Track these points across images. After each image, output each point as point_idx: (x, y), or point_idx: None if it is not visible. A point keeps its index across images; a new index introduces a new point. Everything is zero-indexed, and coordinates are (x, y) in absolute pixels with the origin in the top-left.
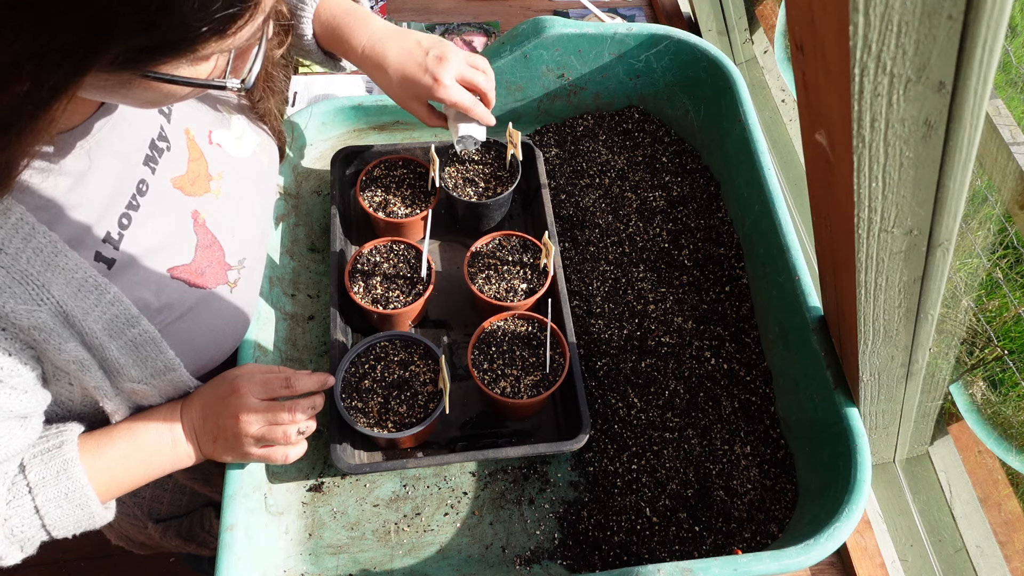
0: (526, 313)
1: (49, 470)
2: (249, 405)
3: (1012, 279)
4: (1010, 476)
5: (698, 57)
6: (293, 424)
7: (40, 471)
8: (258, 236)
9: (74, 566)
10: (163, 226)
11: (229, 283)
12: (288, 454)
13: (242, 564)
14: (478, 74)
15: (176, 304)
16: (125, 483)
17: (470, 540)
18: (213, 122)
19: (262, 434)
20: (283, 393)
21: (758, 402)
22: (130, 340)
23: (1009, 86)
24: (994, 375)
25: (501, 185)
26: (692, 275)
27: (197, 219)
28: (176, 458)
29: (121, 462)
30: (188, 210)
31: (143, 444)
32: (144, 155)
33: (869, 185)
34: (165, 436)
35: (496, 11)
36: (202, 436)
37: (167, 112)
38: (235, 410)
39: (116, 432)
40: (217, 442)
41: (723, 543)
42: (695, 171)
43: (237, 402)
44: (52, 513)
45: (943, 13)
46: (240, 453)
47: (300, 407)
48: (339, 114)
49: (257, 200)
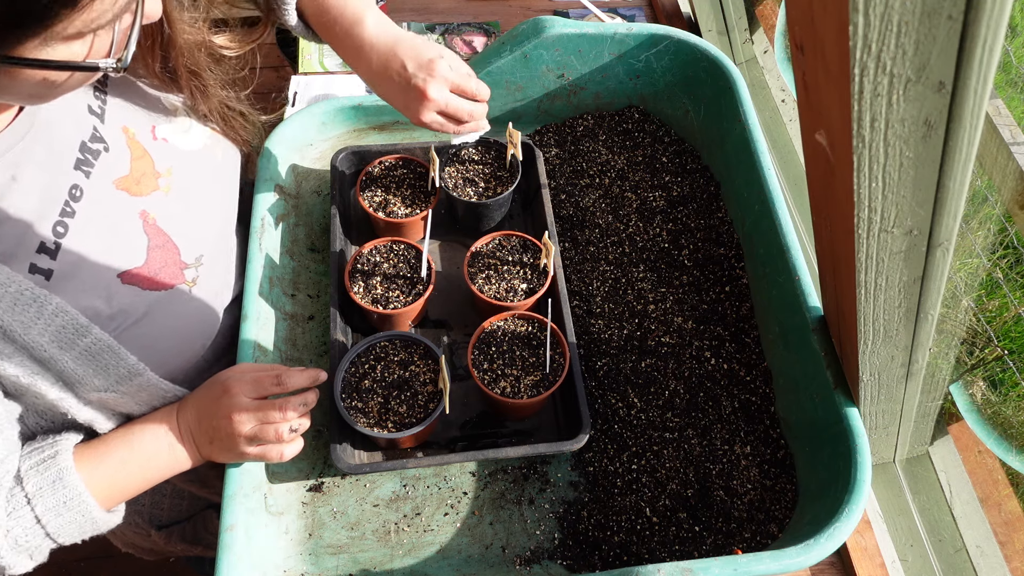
0: (526, 313)
1: (45, 480)
2: (240, 405)
3: (1012, 279)
4: (1010, 476)
5: (698, 57)
6: (285, 422)
7: (37, 481)
8: (217, 230)
9: (74, 566)
10: (107, 230)
11: (187, 282)
12: (283, 452)
13: (242, 564)
14: (461, 104)
15: (130, 309)
16: (127, 488)
17: (470, 540)
18: (157, 117)
19: (255, 433)
20: (275, 391)
21: (758, 402)
22: (84, 350)
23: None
24: (994, 375)
25: (501, 185)
26: (692, 275)
27: (147, 219)
28: (175, 461)
29: (119, 467)
30: (135, 211)
31: (141, 449)
32: (75, 159)
33: (869, 185)
34: (162, 440)
35: (496, 11)
36: (199, 438)
37: (99, 112)
38: (227, 410)
39: (113, 439)
40: (213, 443)
41: (723, 543)
42: (695, 171)
43: (229, 402)
44: (54, 522)
45: (943, 13)
46: (236, 453)
47: (291, 405)
48: (339, 114)
49: (214, 193)
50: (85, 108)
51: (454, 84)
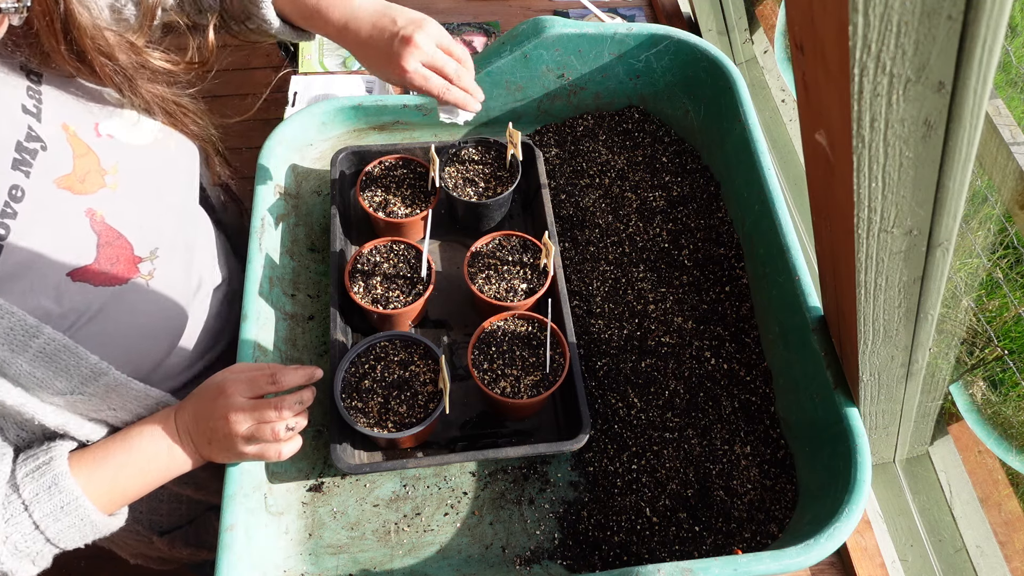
0: (526, 313)
1: (41, 486)
2: (236, 405)
3: (1012, 279)
4: (1010, 476)
5: (698, 57)
6: (281, 421)
7: (32, 488)
8: (174, 223)
9: (75, 566)
10: (53, 230)
11: (143, 275)
12: (281, 451)
13: (242, 564)
14: (448, 60)
15: (82, 307)
16: (127, 491)
17: (470, 540)
18: (100, 114)
19: (251, 433)
20: (270, 390)
21: (758, 402)
22: (38, 351)
23: (1009, 86)
24: (994, 375)
25: (501, 185)
26: (692, 275)
27: (94, 217)
28: (174, 463)
29: (117, 471)
30: (81, 209)
31: (139, 452)
32: (11, 159)
33: (869, 185)
34: (160, 443)
35: (496, 11)
36: (197, 439)
37: (35, 111)
38: (223, 411)
39: (110, 443)
40: (212, 444)
41: (723, 543)
42: (695, 171)
43: (225, 403)
44: (52, 527)
45: (942, 13)
46: (235, 453)
47: (287, 404)
48: (339, 114)
49: (167, 185)
50: (18, 107)
51: (440, 42)
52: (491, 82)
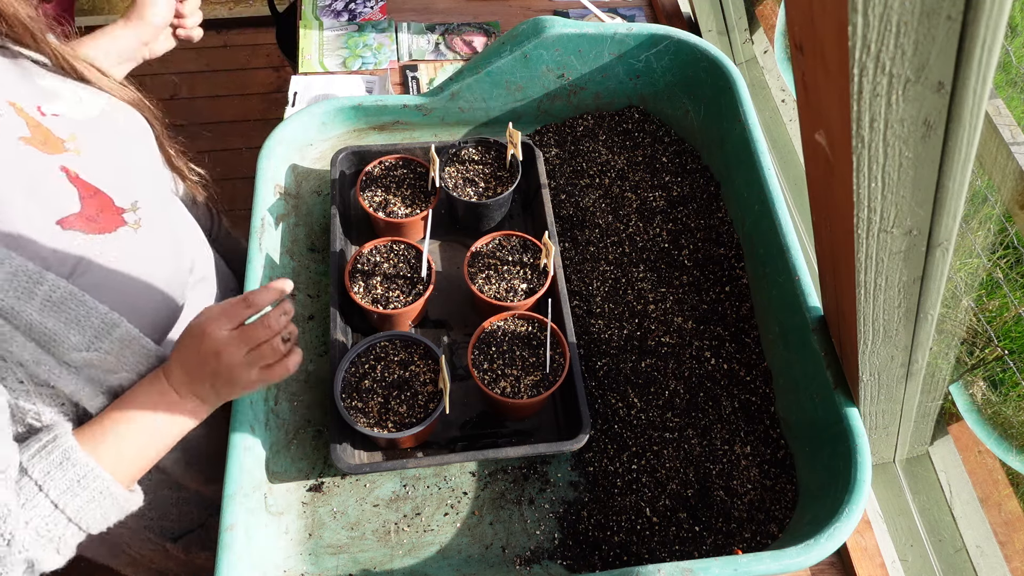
0: (526, 313)
1: (52, 463)
2: (223, 339)
3: (1012, 279)
4: (1010, 476)
5: (698, 57)
6: (275, 335)
7: (43, 467)
8: (150, 179)
9: (74, 565)
10: (31, 182)
11: (130, 224)
12: (288, 366)
13: (242, 564)
14: None
15: (78, 255)
16: (137, 459)
17: (470, 540)
18: (38, 96)
19: (251, 359)
20: (248, 314)
21: (758, 402)
22: (45, 299)
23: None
24: (994, 375)
25: (501, 185)
26: (692, 275)
27: (69, 173)
28: (177, 422)
29: (122, 441)
30: (55, 165)
31: (140, 419)
32: None
33: (868, 185)
34: (160, 405)
35: (496, 11)
36: (199, 390)
37: None
38: (213, 349)
39: (106, 417)
40: (215, 387)
41: (723, 543)
42: (695, 171)
43: (211, 342)
44: (72, 504)
45: (942, 13)
46: (242, 384)
47: (272, 318)
48: (339, 114)
49: (128, 147)
50: None
51: None
52: (491, 82)
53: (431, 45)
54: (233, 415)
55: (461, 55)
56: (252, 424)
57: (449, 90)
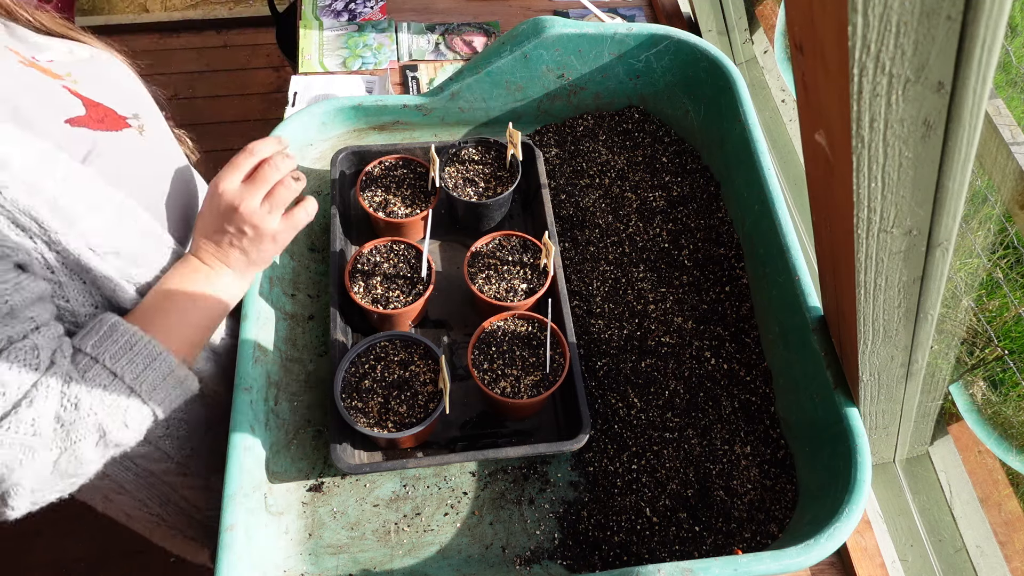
0: (526, 313)
1: (102, 335)
2: (236, 190)
3: (1012, 279)
4: (1010, 476)
5: (698, 57)
6: (283, 172)
7: (94, 341)
8: (147, 104)
9: (74, 567)
10: (37, 92)
11: (134, 128)
12: (308, 209)
13: (242, 564)
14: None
15: (88, 144)
16: (184, 336)
17: (470, 540)
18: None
19: (269, 206)
20: (253, 162)
21: (758, 402)
22: (62, 178)
23: (1009, 86)
24: (994, 375)
25: (501, 185)
26: (692, 275)
27: (71, 90)
28: (219, 294)
29: (168, 317)
30: (57, 84)
31: (178, 298)
32: None
33: (868, 185)
34: (195, 281)
35: (496, 11)
36: (229, 256)
37: None
38: (230, 204)
39: (146, 303)
40: (244, 248)
41: (723, 543)
42: (695, 171)
43: (226, 199)
44: (129, 369)
45: (942, 13)
46: (270, 235)
47: (275, 158)
48: (339, 114)
49: (123, 80)
50: None
51: None
52: (491, 82)
53: (431, 45)
54: (233, 415)
55: (461, 55)
56: (252, 424)
57: (449, 90)
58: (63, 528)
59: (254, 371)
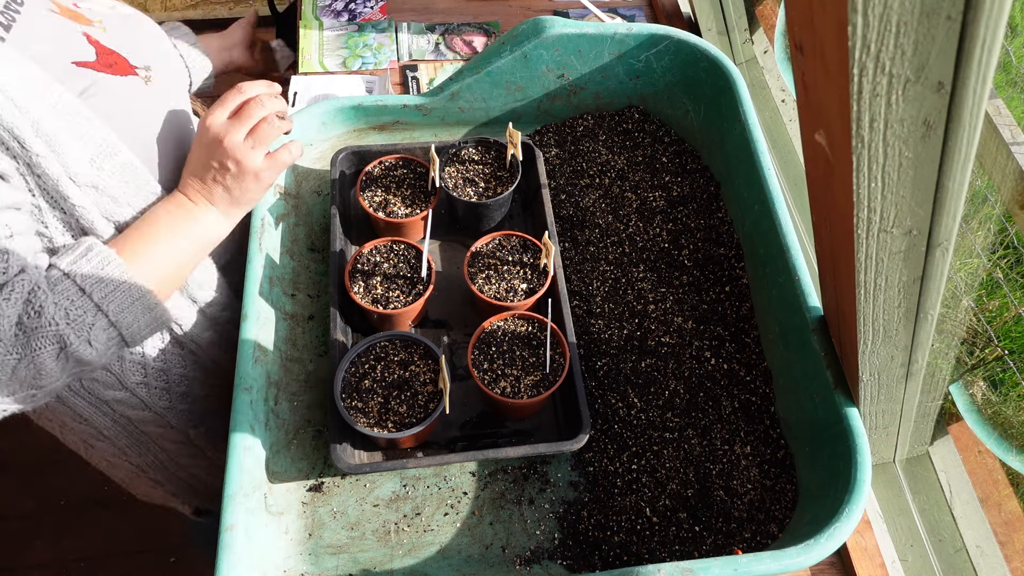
0: (526, 313)
1: (78, 254)
2: (222, 124)
3: (1012, 279)
4: (1010, 476)
5: (698, 57)
6: (267, 108)
7: (70, 259)
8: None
9: (74, 566)
10: (53, 33)
11: (141, 77)
12: (291, 150)
13: (242, 564)
14: None
15: (87, 83)
16: (161, 269)
17: (470, 540)
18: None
19: (252, 140)
20: (240, 99)
21: (758, 402)
22: (52, 106)
23: (1009, 86)
24: (994, 375)
25: (501, 185)
26: (692, 275)
27: (90, 38)
28: (201, 230)
29: (146, 246)
30: (78, 31)
31: (160, 232)
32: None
33: (868, 185)
34: (177, 216)
35: (496, 11)
36: (213, 193)
37: None
38: (214, 137)
39: (127, 234)
40: (228, 185)
41: (723, 543)
42: (695, 171)
43: (211, 132)
44: (98, 289)
45: (942, 13)
46: (252, 172)
47: (263, 96)
48: (339, 114)
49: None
50: None
51: None
52: (491, 82)
53: (431, 45)
54: (233, 415)
55: (461, 55)
56: (252, 424)
57: (449, 90)
58: (63, 527)
59: (254, 371)
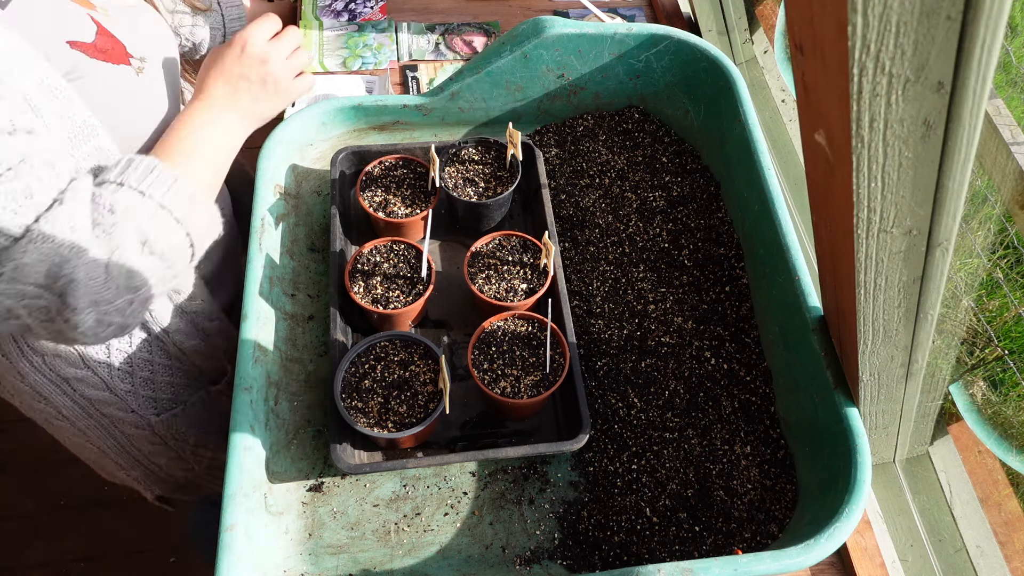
0: (526, 313)
1: (121, 166)
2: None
3: (1012, 279)
4: (1010, 476)
5: (698, 57)
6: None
7: (116, 171)
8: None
9: (74, 566)
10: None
11: (134, 68)
12: (309, 78)
13: (242, 564)
14: None
15: (76, 66)
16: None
17: (470, 540)
18: None
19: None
20: (276, 29)
21: (758, 402)
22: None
23: (1009, 86)
24: (994, 375)
25: (501, 185)
26: (692, 275)
27: (93, 18)
28: (229, 135)
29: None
30: (83, 12)
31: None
32: None
33: (868, 185)
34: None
35: (496, 11)
36: (239, 101)
37: None
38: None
39: (162, 140)
40: (257, 95)
41: (723, 543)
42: (695, 171)
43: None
44: (156, 189)
45: (941, 13)
46: (284, 89)
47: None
48: (339, 114)
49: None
50: None
51: None
52: (491, 82)
53: (431, 45)
54: (233, 415)
55: (461, 55)
56: (252, 424)
57: (449, 90)
58: (63, 527)
59: (254, 371)
